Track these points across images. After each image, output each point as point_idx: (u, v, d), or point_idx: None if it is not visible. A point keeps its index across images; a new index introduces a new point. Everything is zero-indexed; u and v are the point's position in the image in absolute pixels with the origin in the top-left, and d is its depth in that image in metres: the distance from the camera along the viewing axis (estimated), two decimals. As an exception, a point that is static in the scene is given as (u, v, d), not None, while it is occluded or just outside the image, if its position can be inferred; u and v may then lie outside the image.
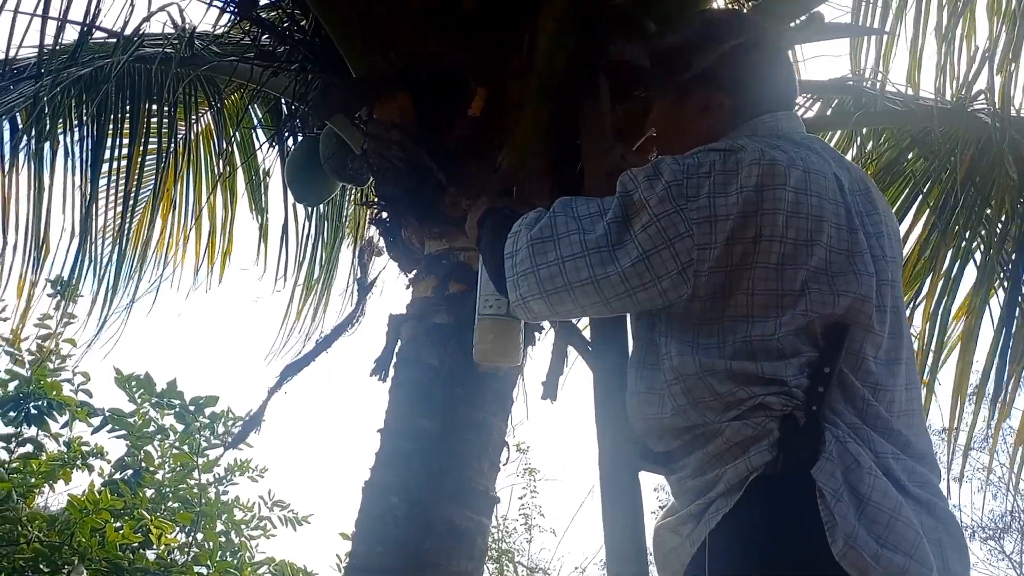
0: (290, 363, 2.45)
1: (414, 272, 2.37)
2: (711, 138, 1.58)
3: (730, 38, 1.65)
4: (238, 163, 4.35)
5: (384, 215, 2.47)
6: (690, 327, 1.46)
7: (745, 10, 2.56)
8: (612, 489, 1.64)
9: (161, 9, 2.86)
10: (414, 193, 2.28)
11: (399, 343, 2.26)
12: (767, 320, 1.41)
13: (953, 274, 3.02)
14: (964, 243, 2.96)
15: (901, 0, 2.78)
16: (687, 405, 1.44)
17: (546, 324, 2.39)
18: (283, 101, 3.78)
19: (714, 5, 2.32)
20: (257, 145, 4.12)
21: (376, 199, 2.41)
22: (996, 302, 2.96)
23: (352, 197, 3.81)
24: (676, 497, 1.56)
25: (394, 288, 2.52)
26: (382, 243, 2.51)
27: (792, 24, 2.32)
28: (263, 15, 2.72)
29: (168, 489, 4.91)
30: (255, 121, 4.24)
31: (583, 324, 3.62)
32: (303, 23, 2.64)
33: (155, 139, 3.89)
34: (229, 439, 5.00)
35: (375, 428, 2.22)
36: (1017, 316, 2.95)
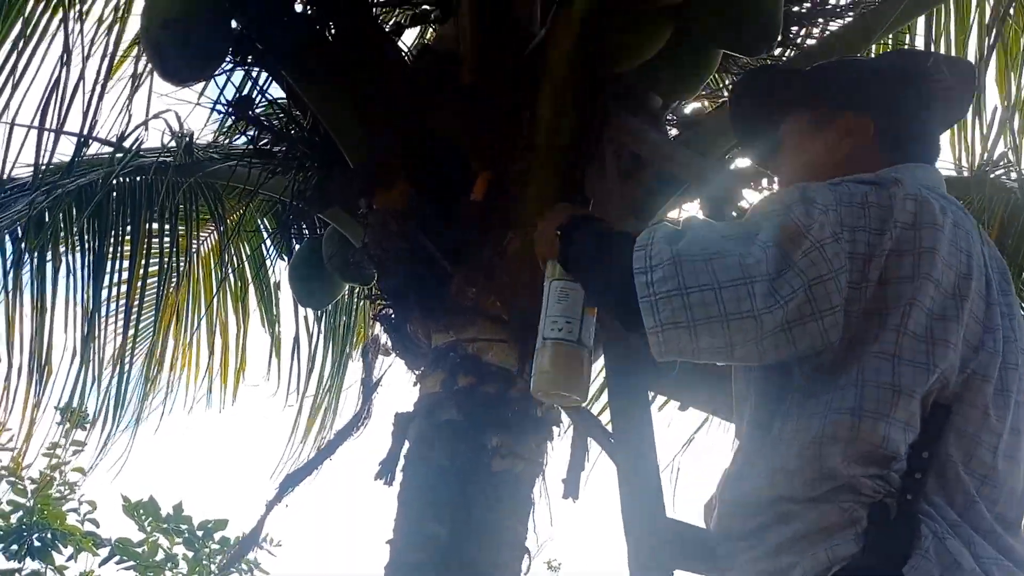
0: (290, 473, 2.28)
1: (421, 368, 2.24)
2: (851, 165, 1.42)
3: (888, 65, 1.54)
4: (248, 277, 4.30)
5: (388, 310, 2.35)
6: (817, 384, 1.26)
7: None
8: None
9: (157, 116, 2.83)
10: (418, 284, 2.17)
11: (406, 444, 2.11)
12: (912, 366, 1.23)
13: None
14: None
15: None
16: (787, 472, 1.23)
17: (563, 416, 2.23)
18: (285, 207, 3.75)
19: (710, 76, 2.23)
20: (265, 254, 4.06)
21: (380, 293, 2.30)
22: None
23: (358, 297, 3.71)
24: None
25: (402, 387, 2.38)
26: (388, 340, 2.39)
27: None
28: (260, 116, 2.67)
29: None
30: (264, 234, 4.20)
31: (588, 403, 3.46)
32: (301, 120, 2.59)
33: (156, 255, 3.86)
34: (241, 567, 4.78)
35: (384, 539, 2.04)
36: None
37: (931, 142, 1.52)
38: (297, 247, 3.42)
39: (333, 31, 2.33)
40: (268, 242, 4.25)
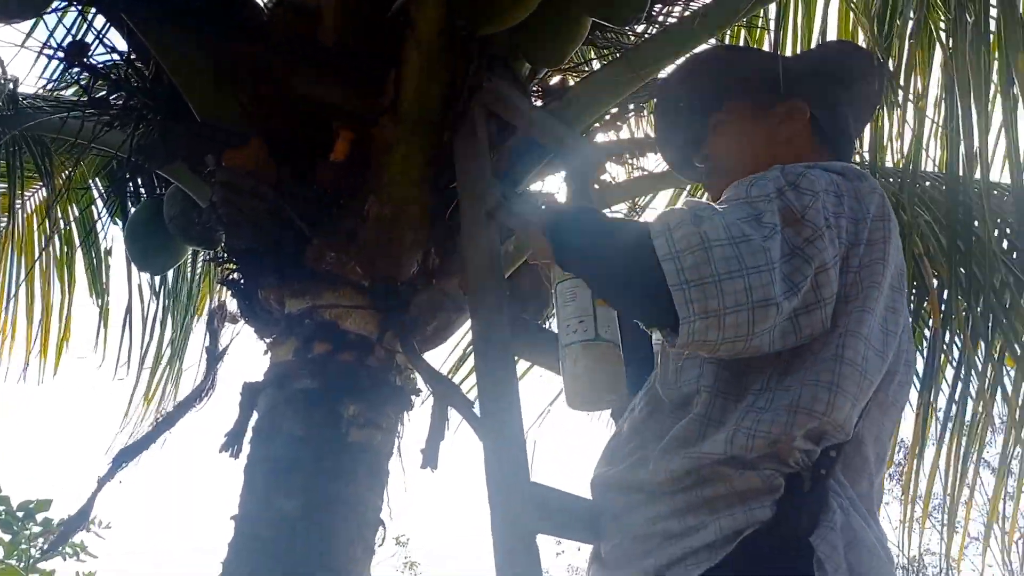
0: (124, 448, 2.12)
1: (273, 336, 2.13)
2: (792, 149, 1.47)
3: (827, 54, 1.60)
4: (76, 241, 3.99)
5: (237, 275, 2.22)
6: (797, 359, 1.27)
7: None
8: (508, 556, 1.44)
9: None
10: (273, 247, 2.05)
11: (255, 415, 2.00)
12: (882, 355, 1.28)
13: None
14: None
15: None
16: (751, 438, 1.24)
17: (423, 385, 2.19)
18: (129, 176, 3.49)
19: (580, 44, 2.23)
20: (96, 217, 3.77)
21: (228, 257, 2.17)
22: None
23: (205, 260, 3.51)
24: (626, 545, 1.33)
25: (251, 355, 2.26)
26: (236, 307, 2.26)
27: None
28: (96, 64, 2.45)
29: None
30: (96, 195, 3.90)
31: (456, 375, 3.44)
32: (143, 70, 2.40)
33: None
34: (66, 550, 4.47)
35: (229, 515, 1.93)
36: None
37: (851, 141, 1.59)
38: (134, 208, 3.20)
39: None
40: (99, 204, 3.97)
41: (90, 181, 3.81)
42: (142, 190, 3.28)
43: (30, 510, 4.32)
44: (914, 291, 2.91)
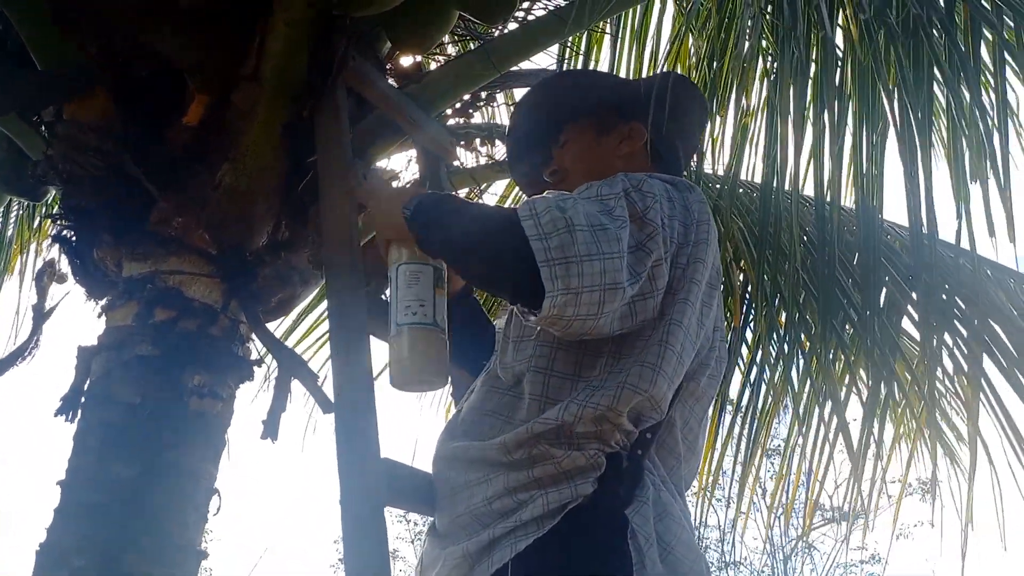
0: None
1: (108, 298, 2.06)
2: (628, 165, 1.61)
3: (661, 83, 1.69)
4: None
5: (69, 232, 2.13)
6: (626, 345, 1.40)
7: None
8: (355, 527, 1.50)
9: None
10: (114, 207, 1.98)
11: (89, 380, 1.94)
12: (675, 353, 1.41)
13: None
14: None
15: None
16: (581, 414, 1.36)
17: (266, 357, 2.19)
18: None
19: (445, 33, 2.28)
20: None
21: (63, 213, 2.07)
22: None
23: (23, 214, 3.29)
24: (463, 521, 1.43)
25: (83, 316, 2.17)
26: (66, 265, 2.16)
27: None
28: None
29: None
30: None
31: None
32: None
33: None
34: None
35: (54, 480, 1.87)
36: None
37: (679, 161, 1.78)
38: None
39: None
40: None
41: None
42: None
43: None
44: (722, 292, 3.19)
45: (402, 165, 2.54)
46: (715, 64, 2.64)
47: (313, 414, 3.48)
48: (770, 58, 2.64)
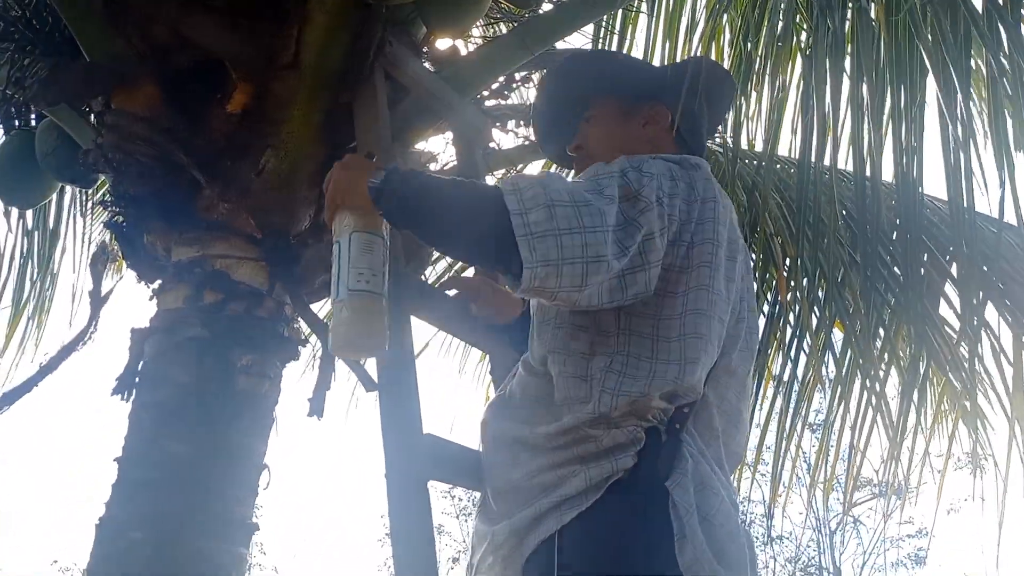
0: (6, 392, 2.09)
1: (159, 282, 2.13)
2: (655, 145, 1.63)
3: (687, 67, 1.71)
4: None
5: (122, 219, 2.20)
6: (638, 324, 1.45)
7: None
8: (400, 500, 1.56)
9: None
10: (163, 194, 2.05)
11: (142, 360, 2.02)
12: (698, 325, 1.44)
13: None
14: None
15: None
16: (580, 406, 1.42)
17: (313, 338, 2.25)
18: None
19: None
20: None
21: (113, 200, 2.14)
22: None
23: (76, 201, 3.39)
24: (510, 494, 1.48)
25: (135, 299, 2.25)
26: (119, 250, 2.24)
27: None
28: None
29: None
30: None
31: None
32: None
33: None
34: None
35: (112, 458, 1.96)
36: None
37: (704, 141, 1.78)
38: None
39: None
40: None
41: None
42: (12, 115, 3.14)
43: None
44: (755, 267, 3.19)
45: (439, 148, 2.57)
46: (750, 39, 2.63)
47: (356, 391, 3.55)
48: (804, 33, 2.61)
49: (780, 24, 1.89)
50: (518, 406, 1.53)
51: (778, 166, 3.00)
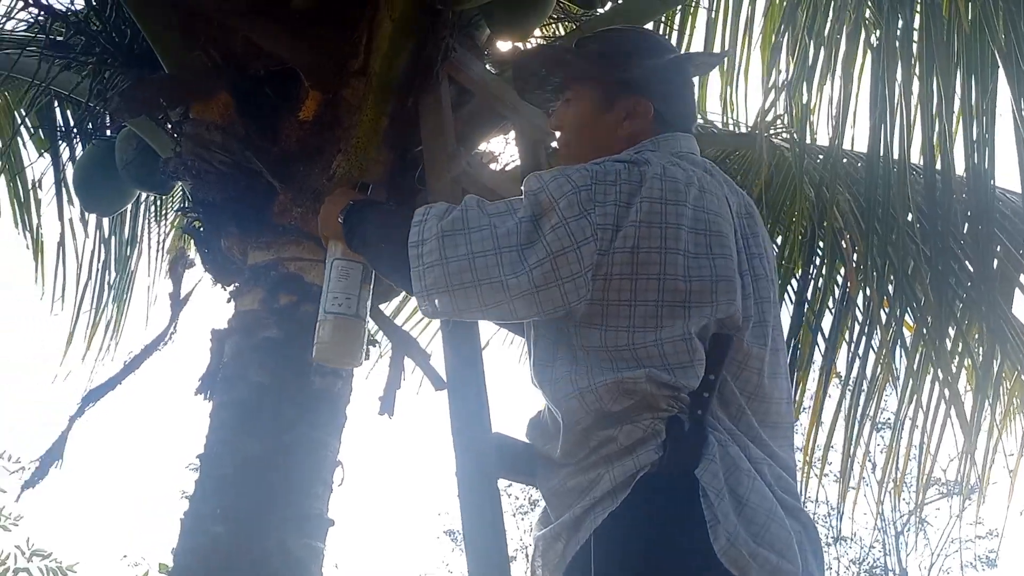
0: (93, 388, 2.19)
1: (235, 285, 2.21)
2: (632, 141, 1.61)
3: (667, 52, 1.69)
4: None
5: (199, 224, 2.29)
6: (589, 335, 1.46)
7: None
8: (471, 497, 1.59)
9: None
10: (239, 200, 2.12)
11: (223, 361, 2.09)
12: (666, 327, 1.43)
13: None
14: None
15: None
16: (580, 411, 1.43)
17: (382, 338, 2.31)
18: (59, 108, 3.45)
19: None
20: (31, 154, 3.70)
21: (192, 206, 2.22)
22: (786, 314, 3.20)
23: (152, 207, 3.51)
24: (554, 501, 1.51)
25: (210, 302, 2.34)
26: (196, 254, 2.32)
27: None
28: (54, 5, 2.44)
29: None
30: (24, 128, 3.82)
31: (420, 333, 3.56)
32: (104, 14, 2.40)
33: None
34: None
35: (194, 455, 2.03)
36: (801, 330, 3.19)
37: (691, 113, 1.73)
38: (80, 148, 3.18)
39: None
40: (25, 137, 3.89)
41: (15, 113, 3.73)
42: (72, 125, 3.27)
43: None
44: (822, 262, 3.15)
45: (502, 149, 2.61)
46: (814, 33, 2.61)
47: (420, 389, 3.59)
48: (870, 23, 2.58)
49: (851, 17, 1.87)
50: (543, 419, 1.56)
51: (844, 160, 2.96)
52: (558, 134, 1.75)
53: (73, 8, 2.46)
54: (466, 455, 1.62)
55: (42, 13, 2.40)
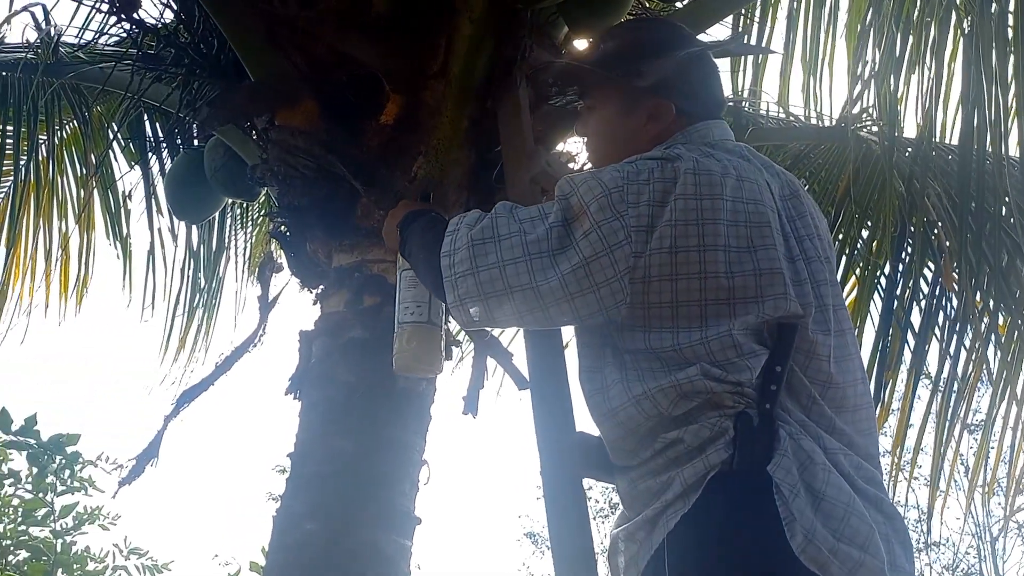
0: (187, 388, 2.26)
1: (321, 287, 2.25)
2: (656, 143, 1.59)
3: (681, 46, 1.66)
4: (93, 184, 4.06)
5: (285, 229, 2.34)
6: (633, 338, 1.44)
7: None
8: (556, 498, 1.59)
9: (24, 9, 2.60)
10: (324, 203, 2.17)
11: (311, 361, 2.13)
12: (718, 324, 1.41)
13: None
14: (845, 258, 3.10)
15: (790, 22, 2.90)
16: (639, 417, 1.42)
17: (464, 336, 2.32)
18: (148, 120, 3.57)
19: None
20: (125, 164, 3.85)
21: (279, 211, 2.28)
22: (875, 310, 3.12)
23: (238, 213, 3.62)
24: (627, 502, 1.52)
25: (294, 304, 2.39)
26: (283, 258, 2.38)
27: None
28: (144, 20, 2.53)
29: (9, 541, 4.49)
30: (115, 140, 3.97)
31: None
32: (192, 25, 2.48)
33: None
34: (77, 484, 4.64)
35: (286, 453, 2.08)
36: (891, 325, 3.10)
37: (719, 100, 1.69)
38: (169, 160, 3.29)
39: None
40: (116, 148, 4.04)
41: (108, 127, 3.88)
42: (160, 137, 3.38)
43: (60, 443, 4.44)
44: (910, 258, 3.06)
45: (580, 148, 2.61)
46: (902, 23, 2.53)
47: (502, 389, 3.60)
48: (961, 7, 2.50)
49: (941, 2, 1.81)
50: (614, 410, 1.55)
51: (933, 153, 2.87)
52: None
53: (163, 21, 2.54)
54: (550, 455, 1.62)
55: (134, 27, 2.48)
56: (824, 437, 1.41)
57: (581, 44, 2.58)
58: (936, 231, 2.79)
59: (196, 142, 2.96)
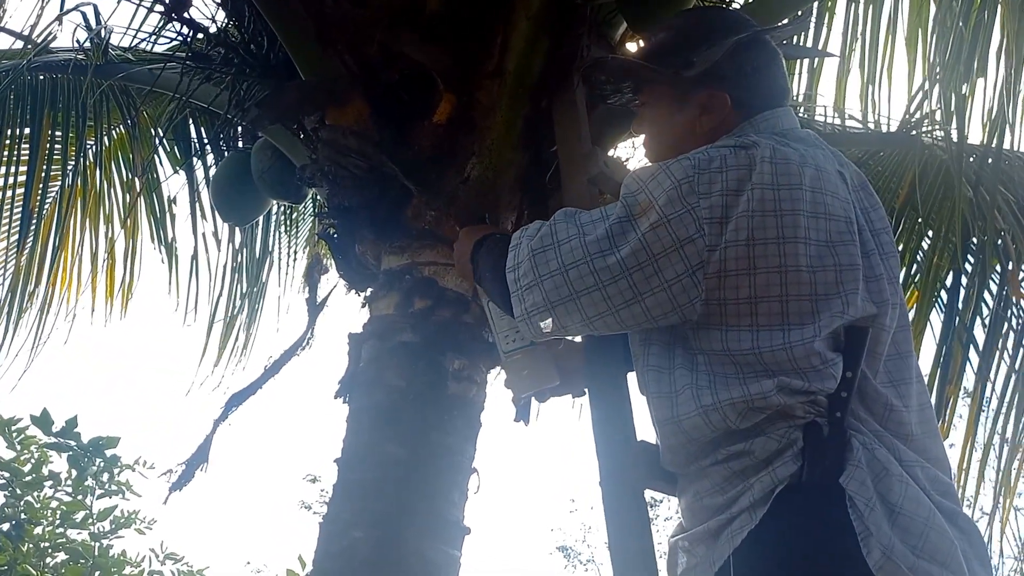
0: (236, 392, 2.23)
1: (370, 290, 2.21)
2: (713, 137, 1.51)
3: (731, 33, 1.57)
4: (138, 188, 4.08)
5: (333, 230, 2.30)
6: (709, 337, 1.37)
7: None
8: (616, 509, 1.53)
9: (75, 8, 2.60)
10: (374, 204, 2.12)
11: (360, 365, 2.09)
12: (794, 328, 1.33)
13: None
14: (904, 268, 3.01)
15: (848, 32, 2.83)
16: (705, 428, 1.35)
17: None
18: (192, 123, 3.57)
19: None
20: (169, 168, 3.85)
21: (328, 212, 2.24)
22: (937, 318, 3.02)
23: (282, 217, 3.60)
24: (688, 515, 1.45)
25: (347, 306, 2.35)
26: (331, 260, 2.34)
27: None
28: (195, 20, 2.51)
29: (48, 544, 4.51)
30: (160, 145, 3.98)
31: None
32: (242, 25, 2.46)
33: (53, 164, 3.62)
34: (115, 487, 4.65)
35: (332, 458, 2.03)
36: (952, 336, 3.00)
37: (781, 87, 1.59)
38: (212, 160, 3.29)
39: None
40: (161, 153, 4.06)
41: (152, 130, 3.89)
42: (205, 140, 3.38)
43: (100, 446, 4.45)
44: (973, 268, 2.96)
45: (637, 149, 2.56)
46: (968, 20, 2.44)
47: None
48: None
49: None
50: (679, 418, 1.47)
51: (1005, 163, 2.78)
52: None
53: (213, 21, 2.52)
54: (610, 464, 1.56)
55: (185, 27, 2.47)
56: (900, 448, 1.33)
57: (640, 42, 2.52)
58: (1001, 239, 2.68)
59: (241, 144, 2.94)
